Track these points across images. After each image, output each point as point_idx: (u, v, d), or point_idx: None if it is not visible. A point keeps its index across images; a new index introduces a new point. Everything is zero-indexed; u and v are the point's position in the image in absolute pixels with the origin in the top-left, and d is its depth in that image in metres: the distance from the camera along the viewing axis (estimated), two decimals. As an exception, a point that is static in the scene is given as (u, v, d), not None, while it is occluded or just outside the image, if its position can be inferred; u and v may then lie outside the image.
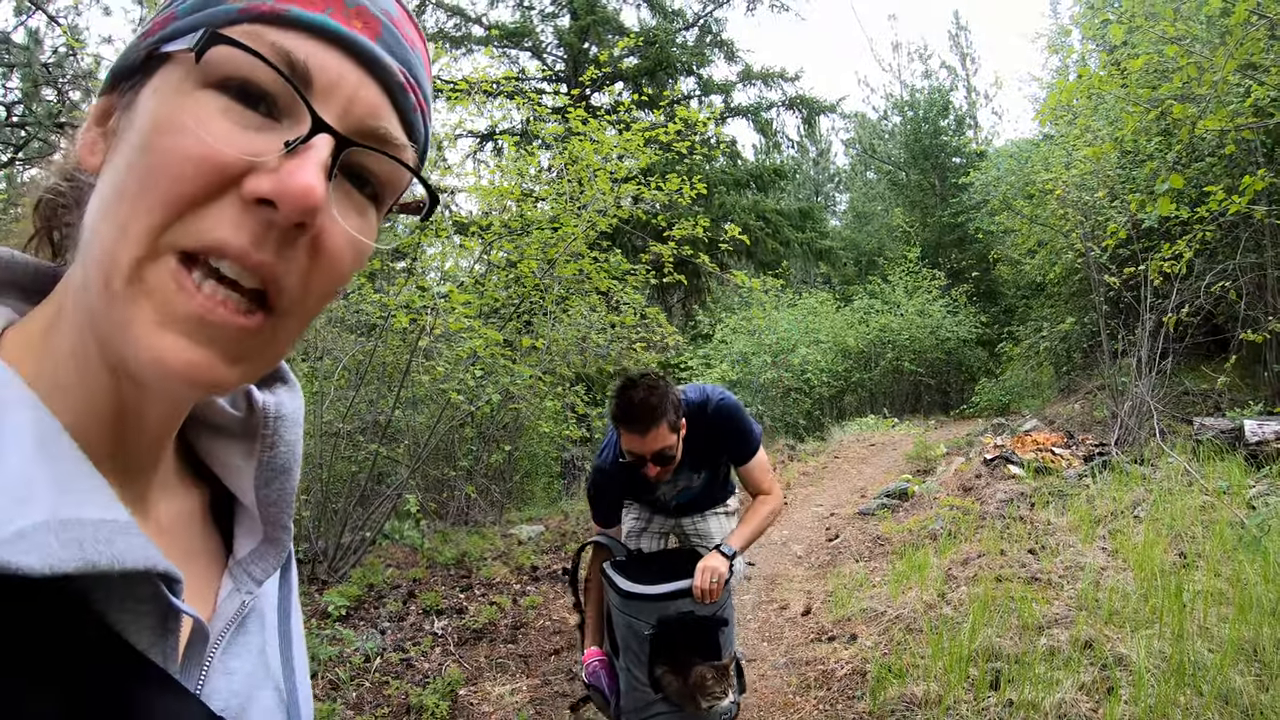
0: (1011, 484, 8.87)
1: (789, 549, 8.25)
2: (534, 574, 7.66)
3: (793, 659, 5.70)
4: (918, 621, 5.57)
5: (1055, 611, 5.39)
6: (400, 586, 7.38)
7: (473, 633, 6.36)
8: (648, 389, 3.70)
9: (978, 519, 7.76)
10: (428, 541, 8.54)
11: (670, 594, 3.73)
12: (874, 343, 21.14)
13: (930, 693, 4.69)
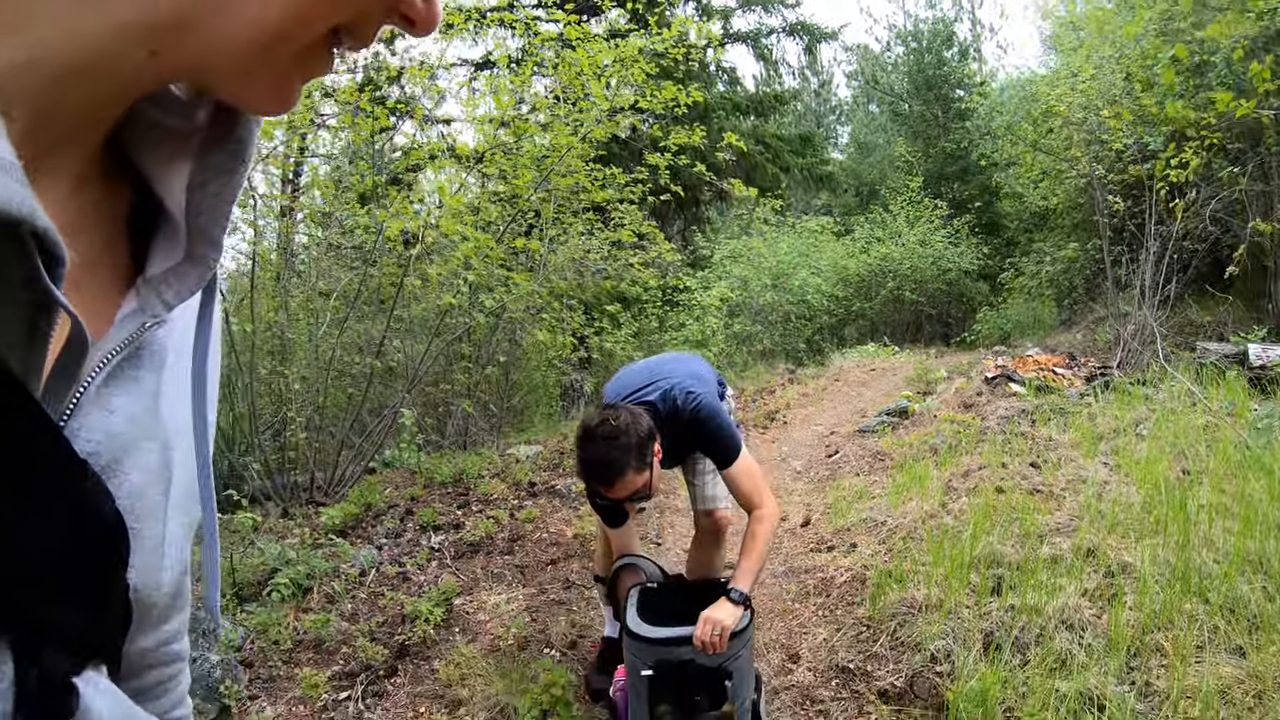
0: (1013, 401, 8.80)
1: (788, 464, 8.19)
2: (532, 489, 7.60)
3: (791, 568, 5.65)
4: (918, 530, 5.51)
5: (1057, 521, 5.32)
6: (398, 506, 7.34)
7: (469, 546, 6.31)
8: (606, 440, 3.64)
9: (978, 434, 7.69)
10: (425, 461, 8.48)
11: (670, 640, 3.65)
12: (875, 271, 20.97)
13: (931, 597, 4.63)
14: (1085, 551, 4.83)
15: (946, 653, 4.17)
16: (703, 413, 3.96)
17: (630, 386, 4.13)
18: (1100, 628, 4.10)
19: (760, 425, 9.87)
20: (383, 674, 4.81)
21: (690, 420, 3.95)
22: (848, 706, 4.16)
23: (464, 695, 4.52)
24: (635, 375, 4.24)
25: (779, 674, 4.51)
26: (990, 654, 4.04)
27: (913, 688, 4.10)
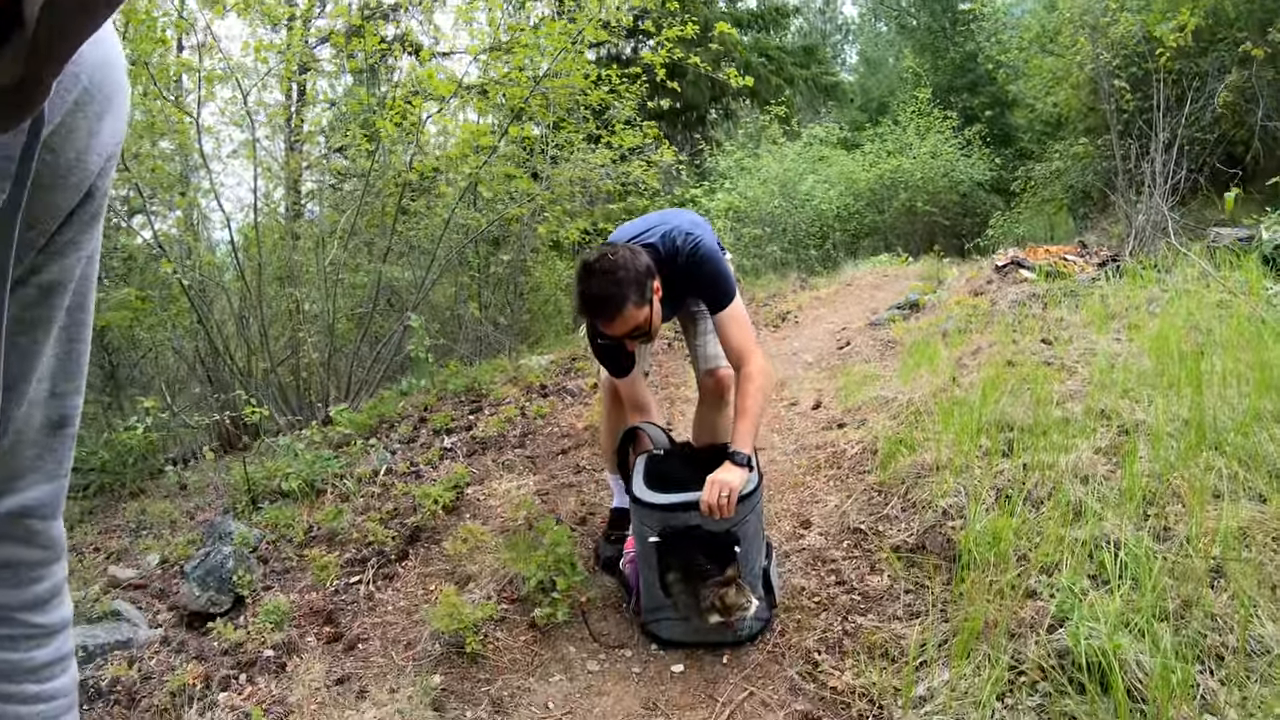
0: (1023, 287, 8.68)
1: (799, 358, 8.11)
2: (543, 391, 7.56)
3: (802, 445, 5.60)
4: (928, 404, 5.44)
5: (1069, 388, 5.24)
6: (411, 415, 7.34)
7: (481, 443, 6.28)
8: (605, 275, 3.61)
9: (988, 316, 7.60)
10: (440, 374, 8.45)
11: (676, 506, 3.61)
12: (886, 184, 20.68)
13: (941, 459, 4.57)
14: (1098, 413, 4.74)
15: (959, 509, 4.11)
16: (701, 252, 3.92)
17: (629, 234, 4.07)
18: (1115, 481, 4.03)
19: (772, 325, 9.78)
20: (394, 558, 4.81)
21: (688, 261, 3.91)
22: (860, 564, 4.12)
23: (473, 571, 4.51)
24: (634, 225, 4.18)
25: (790, 540, 4.47)
26: (1002, 506, 3.98)
27: (925, 543, 4.06)
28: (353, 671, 3.92)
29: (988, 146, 22.76)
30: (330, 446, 6.56)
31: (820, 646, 3.64)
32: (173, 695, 3.90)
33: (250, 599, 4.68)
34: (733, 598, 3.50)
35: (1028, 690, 3.05)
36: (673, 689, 3.62)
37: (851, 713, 3.27)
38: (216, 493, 6.84)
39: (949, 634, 3.43)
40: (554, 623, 4.06)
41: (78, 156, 0.81)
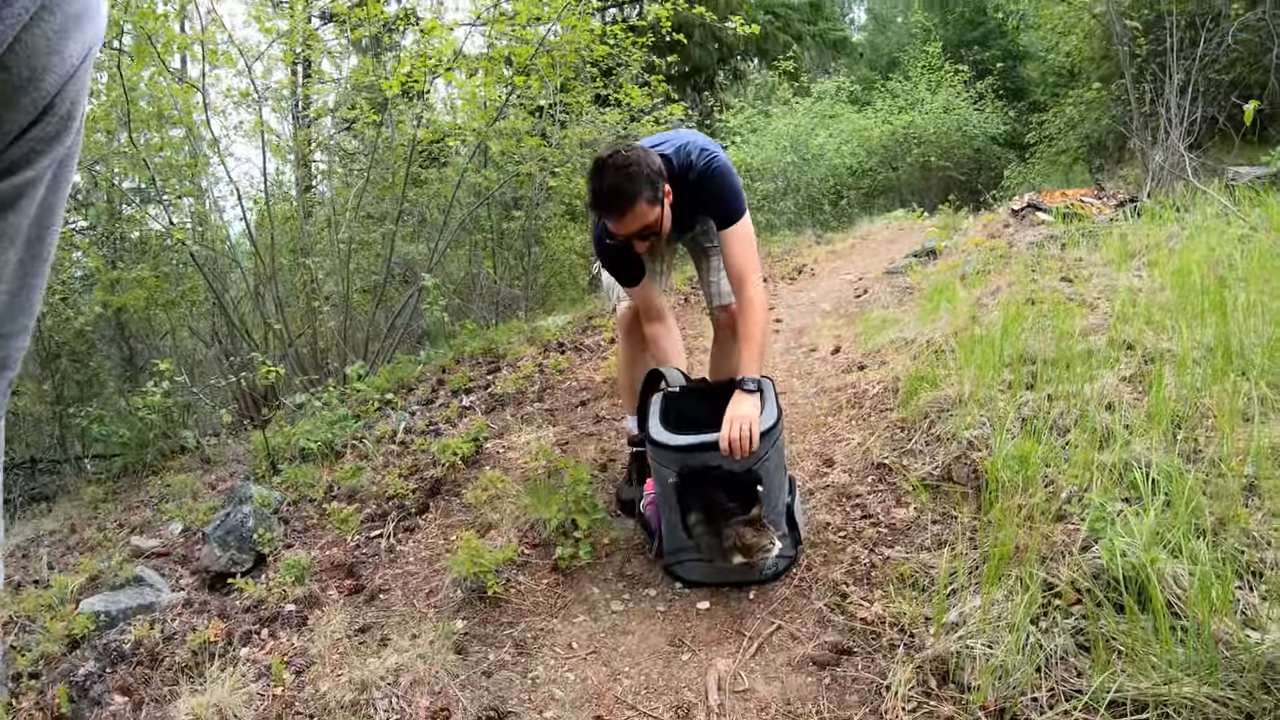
0: (1041, 229, 8.55)
1: (817, 307, 8.01)
2: (561, 348, 7.49)
3: (823, 388, 5.51)
4: (949, 343, 5.34)
5: (1091, 322, 5.13)
6: (428, 379, 7.28)
7: (499, 400, 6.22)
8: (618, 169, 3.54)
9: (1006, 257, 7.49)
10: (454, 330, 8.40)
11: (695, 446, 3.52)
12: (898, 139, 20.45)
13: (964, 393, 4.48)
14: (1121, 344, 4.64)
15: (983, 440, 4.02)
16: (715, 166, 3.85)
17: (643, 146, 3.94)
18: (1141, 408, 3.93)
19: (788, 278, 9.68)
20: (414, 511, 4.76)
21: (701, 174, 3.84)
22: (885, 498, 4.04)
23: (494, 519, 4.45)
24: (648, 140, 4.06)
25: (814, 478, 4.39)
26: (1027, 435, 3.88)
27: (950, 474, 3.97)
28: (374, 621, 3.88)
29: (1000, 100, 22.49)
30: (348, 407, 6.51)
31: (848, 579, 3.56)
32: (194, 653, 3.89)
33: (271, 557, 4.65)
34: (753, 538, 3.42)
35: (1062, 613, 2.96)
36: (698, 625, 3.55)
37: (882, 642, 3.19)
38: (238, 462, 6.83)
39: (979, 561, 3.35)
40: (576, 565, 4.00)
41: (32, 75, 0.74)
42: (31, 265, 0.83)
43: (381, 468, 5.27)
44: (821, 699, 3.03)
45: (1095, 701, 2.62)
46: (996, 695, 2.80)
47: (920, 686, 2.94)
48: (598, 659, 3.47)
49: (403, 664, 3.46)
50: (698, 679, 3.26)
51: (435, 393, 6.86)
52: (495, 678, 3.43)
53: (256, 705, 3.49)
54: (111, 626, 4.33)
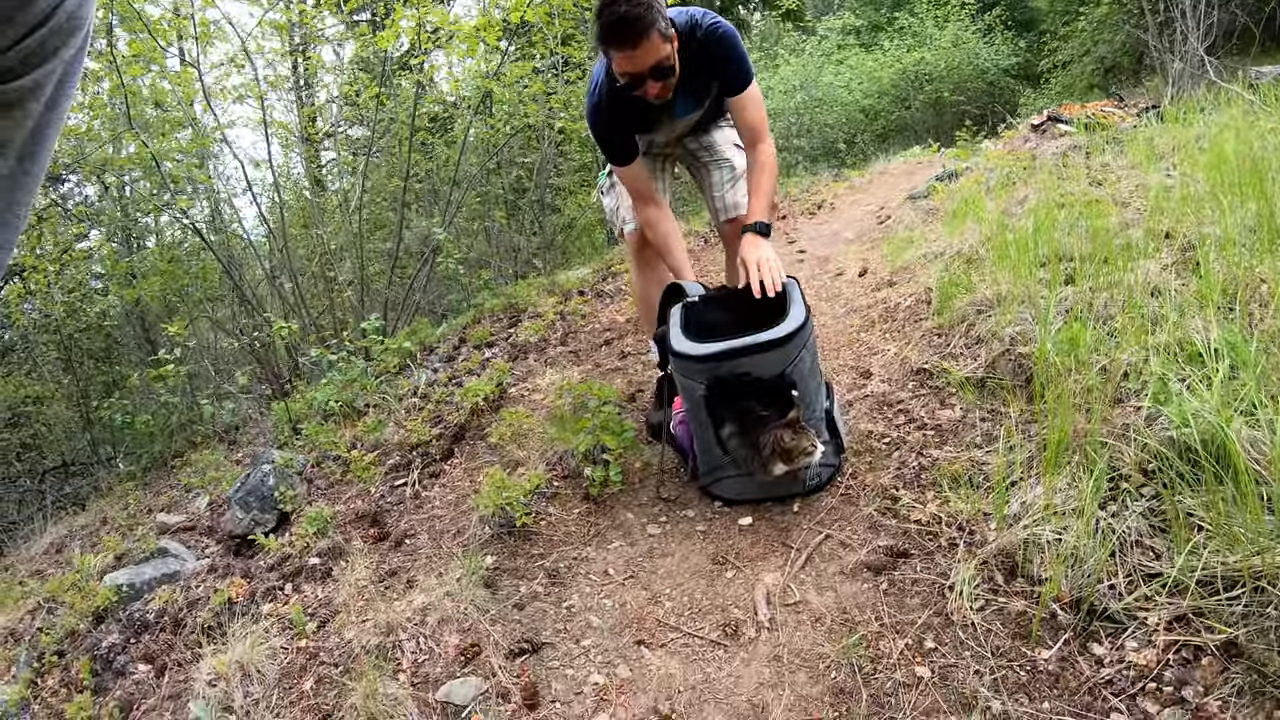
0: (1063, 141, 8.24)
1: (840, 236, 7.74)
2: (582, 294, 7.26)
3: (853, 308, 5.26)
4: (979, 252, 5.08)
5: (1125, 218, 4.85)
6: (449, 338, 7.10)
7: (521, 348, 6.01)
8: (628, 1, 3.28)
9: (1030, 168, 7.19)
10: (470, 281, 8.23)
11: (719, 354, 3.27)
12: (909, 78, 20.05)
13: (1001, 293, 4.22)
14: (1159, 234, 4.36)
15: (1026, 335, 3.77)
16: (721, 29, 3.65)
17: None
18: (1189, 291, 3.66)
19: (808, 213, 9.40)
20: (439, 458, 4.57)
21: (708, 37, 3.63)
22: (928, 401, 3.80)
23: (521, 456, 4.25)
24: None
25: (852, 390, 4.15)
26: (1073, 320, 3.63)
27: (995, 370, 3.72)
28: (400, 566, 3.70)
29: (1009, 31, 22.05)
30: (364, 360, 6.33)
31: (897, 483, 3.34)
32: (216, 614, 3.75)
33: (295, 514, 4.49)
34: (793, 440, 3.18)
35: (1131, 495, 2.72)
36: (741, 542, 3.33)
37: (940, 542, 2.97)
38: (262, 436, 6.69)
39: (1035, 451, 3.11)
40: (609, 492, 3.81)
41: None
42: (21, 180, 0.79)
43: (404, 420, 5.07)
44: (880, 605, 2.81)
45: (1180, 582, 2.39)
46: (1070, 585, 2.58)
47: (986, 584, 2.73)
48: (636, 583, 3.27)
49: (429, 604, 3.27)
50: (745, 595, 3.06)
51: (457, 350, 6.66)
52: (527, 610, 3.25)
53: (280, 659, 3.33)
54: (136, 599, 4.22)
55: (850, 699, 2.53)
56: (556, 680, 2.89)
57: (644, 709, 2.69)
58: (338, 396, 5.54)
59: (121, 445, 9.29)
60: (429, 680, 2.99)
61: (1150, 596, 2.45)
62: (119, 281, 8.93)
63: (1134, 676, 2.29)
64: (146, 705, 3.51)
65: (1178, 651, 2.30)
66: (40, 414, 10.24)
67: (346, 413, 5.50)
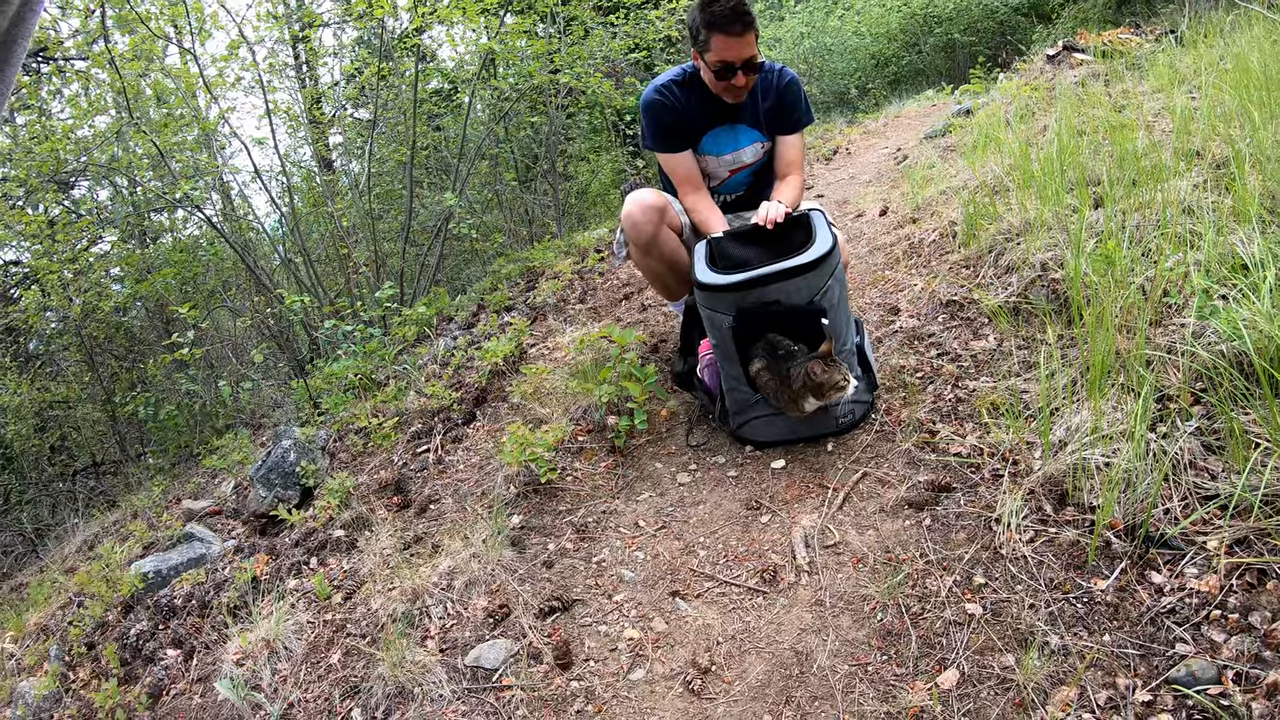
0: (1081, 69, 8.03)
1: (856, 180, 7.58)
2: (599, 253, 7.11)
3: (875, 246, 5.10)
4: (1002, 183, 4.91)
5: (1154, 138, 4.67)
6: (468, 306, 7.00)
7: (540, 309, 5.88)
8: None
9: (1049, 97, 7.00)
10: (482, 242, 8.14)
11: (746, 282, 3.18)
12: (918, 21, 19.72)
13: (1028, 219, 4.06)
14: (1189, 154, 4.19)
15: (1058, 260, 3.61)
16: (791, 74, 3.98)
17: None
18: (1224, 208, 3.49)
19: (824, 159, 9.24)
20: (460, 422, 4.48)
21: (782, 75, 3.94)
22: (961, 333, 3.66)
23: (544, 414, 4.14)
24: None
25: (881, 327, 4.02)
26: (1107, 239, 3.47)
27: (1028, 296, 3.57)
28: (425, 532, 3.61)
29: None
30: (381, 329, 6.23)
31: (934, 417, 3.21)
32: (241, 593, 3.69)
33: (318, 489, 4.40)
34: (824, 373, 3.06)
35: (1182, 415, 2.57)
36: (776, 484, 3.22)
37: (983, 474, 2.85)
38: (285, 415, 6.62)
39: (1076, 375, 2.97)
40: (635, 443, 3.72)
41: None
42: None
43: (424, 387, 4.96)
44: (924, 541, 2.69)
45: (1241, 502, 2.25)
46: (1124, 511, 2.45)
47: (1035, 514, 2.61)
48: (668, 534, 3.16)
49: (455, 567, 3.18)
50: (782, 539, 2.95)
51: (476, 316, 6.56)
52: (557, 567, 3.15)
53: (307, 633, 3.25)
54: (163, 585, 4.15)
55: (899, 641, 2.42)
56: (589, 637, 2.79)
57: (682, 662, 2.59)
58: (356, 369, 5.45)
59: (149, 440, 9.28)
60: (457, 645, 2.90)
61: (1208, 520, 2.32)
62: (133, 277, 8.88)
63: (1196, 604, 2.17)
64: (175, 690, 3.46)
65: (1240, 576, 2.18)
66: (69, 417, 10.23)
67: (366, 385, 5.40)
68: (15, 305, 9.10)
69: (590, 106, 10.03)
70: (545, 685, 2.65)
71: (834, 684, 2.37)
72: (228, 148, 9.05)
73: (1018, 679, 2.19)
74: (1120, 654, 2.15)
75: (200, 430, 7.96)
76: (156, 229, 10.58)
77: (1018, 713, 2.14)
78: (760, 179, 4.12)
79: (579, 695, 2.59)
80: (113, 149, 8.03)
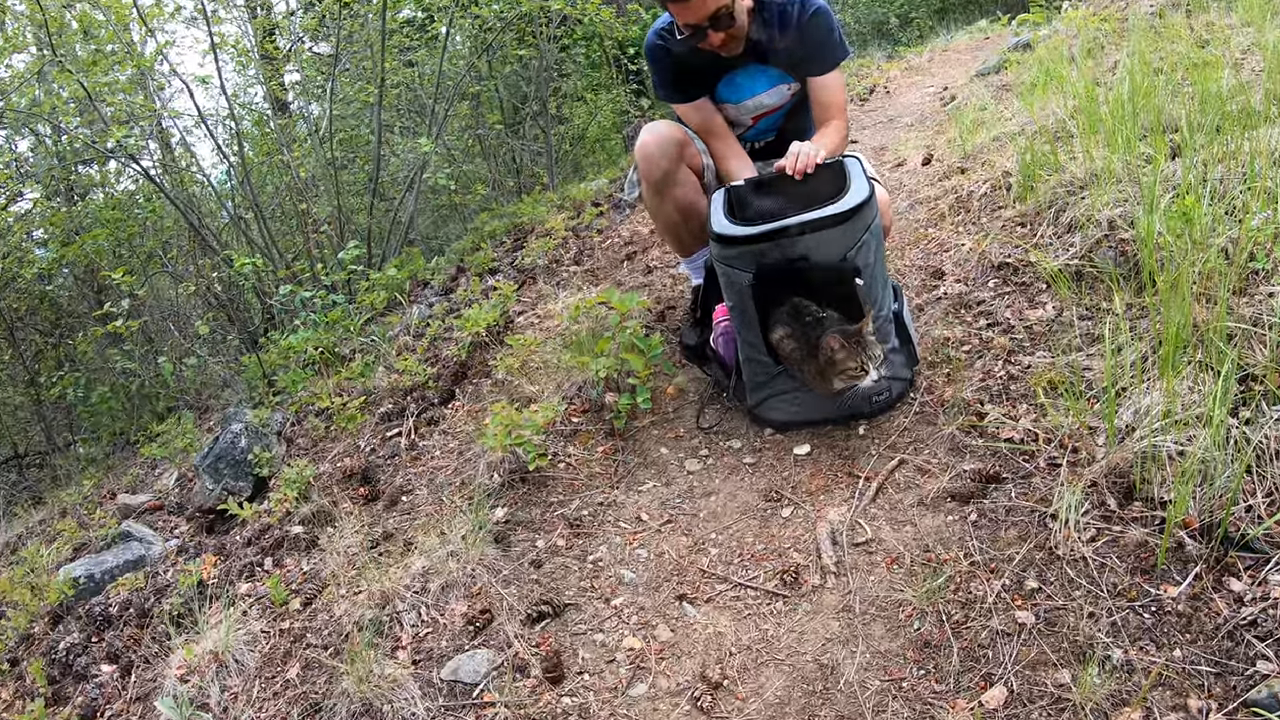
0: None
1: (897, 123, 7.59)
2: (597, 206, 7.11)
3: (917, 200, 5.13)
4: (1065, 129, 4.91)
5: (1242, 79, 4.67)
6: (445, 269, 7.04)
7: (529, 272, 5.91)
8: None
9: (1121, 30, 7.00)
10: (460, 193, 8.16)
11: (770, 234, 3.17)
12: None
13: (1095, 170, 4.06)
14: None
15: (1128, 219, 3.62)
16: (824, 9, 3.76)
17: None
18: (1321, 161, 3.50)
19: (859, 98, 9.24)
20: (437, 401, 4.53)
21: (805, 16, 3.74)
22: (1014, 299, 3.68)
23: (533, 392, 4.18)
24: None
25: (922, 293, 4.05)
26: (1184, 196, 3.47)
27: (1092, 260, 3.58)
28: (396, 527, 3.64)
29: None
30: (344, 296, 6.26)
31: (982, 396, 3.24)
32: (186, 600, 3.71)
33: (273, 479, 4.43)
34: (840, 351, 3.10)
35: (1269, 399, 2.58)
36: (798, 473, 3.26)
37: (1038, 462, 2.87)
38: (235, 396, 6.65)
39: (1147, 351, 2.98)
40: (637, 424, 3.76)
41: None
42: None
43: (395, 361, 5.00)
44: (969, 539, 2.71)
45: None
46: (1199, 508, 2.46)
47: (1097, 509, 2.62)
48: (675, 529, 3.19)
49: (431, 567, 3.21)
50: (805, 536, 2.98)
51: (455, 281, 6.60)
52: (546, 567, 3.18)
53: (261, 644, 3.28)
54: (97, 591, 4.19)
55: (938, 653, 2.45)
56: (584, 647, 2.82)
57: (690, 676, 2.61)
58: (317, 341, 5.46)
59: (79, 427, 9.30)
60: (433, 656, 2.93)
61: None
62: (59, 239, 8.87)
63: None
64: (111, 710, 3.48)
65: (1334, 585, 2.19)
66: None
67: (329, 359, 5.42)
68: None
69: (588, 38, 10.02)
70: (533, 701, 2.67)
71: (863, 702, 2.39)
72: (167, 88, 9.06)
73: (1074, 698, 2.20)
74: (1192, 671, 2.16)
75: (138, 414, 8.00)
76: (85, 183, 10.56)
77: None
78: (792, 121, 4.11)
79: (571, 713, 2.62)
80: (33, 92, 8.01)
